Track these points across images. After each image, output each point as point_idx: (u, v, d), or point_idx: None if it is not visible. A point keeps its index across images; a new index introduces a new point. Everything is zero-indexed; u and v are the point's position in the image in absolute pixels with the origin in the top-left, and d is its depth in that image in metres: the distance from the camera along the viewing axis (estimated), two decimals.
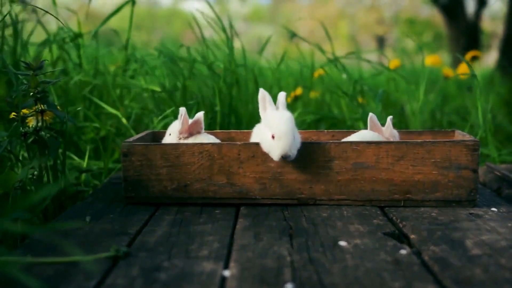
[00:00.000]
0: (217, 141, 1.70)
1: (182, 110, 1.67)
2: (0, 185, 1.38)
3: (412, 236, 1.26)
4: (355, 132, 1.76)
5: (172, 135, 1.71)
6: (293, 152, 1.47)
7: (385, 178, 1.51)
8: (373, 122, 1.75)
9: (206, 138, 1.70)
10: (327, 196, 1.54)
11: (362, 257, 1.11)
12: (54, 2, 2.45)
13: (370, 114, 1.75)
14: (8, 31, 2.23)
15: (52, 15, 1.89)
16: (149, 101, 2.62)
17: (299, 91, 3.02)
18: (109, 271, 1.05)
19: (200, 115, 1.71)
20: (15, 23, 2.21)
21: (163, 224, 1.37)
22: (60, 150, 1.64)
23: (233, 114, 2.48)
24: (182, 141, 1.67)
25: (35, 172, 1.54)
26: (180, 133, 1.68)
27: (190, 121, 1.69)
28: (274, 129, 1.47)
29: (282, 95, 1.60)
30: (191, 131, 1.70)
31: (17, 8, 2.40)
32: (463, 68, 3.32)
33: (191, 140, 1.68)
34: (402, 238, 1.26)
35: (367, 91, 2.73)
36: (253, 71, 2.62)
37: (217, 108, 2.37)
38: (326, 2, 20.79)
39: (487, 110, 2.24)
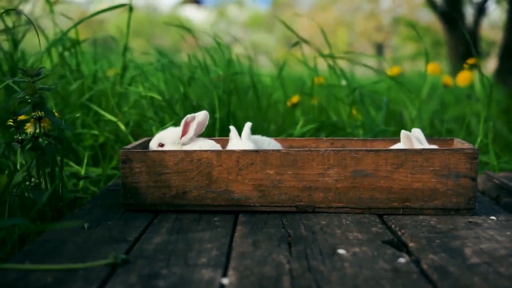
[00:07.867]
0: (217, 145, 1.70)
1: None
2: None
3: (411, 244, 1.26)
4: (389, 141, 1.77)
5: (168, 145, 1.67)
6: None
7: (384, 186, 1.51)
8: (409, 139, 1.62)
9: (205, 143, 1.69)
10: (326, 203, 1.53)
11: (360, 265, 1.11)
12: (51, 10, 2.45)
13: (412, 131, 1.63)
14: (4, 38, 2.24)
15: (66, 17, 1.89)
16: (148, 108, 2.62)
17: (296, 98, 3.02)
18: (108, 278, 1.05)
19: (204, 114, 1.70)
20: (14, 32, 2.21)
21: (162, 232, 1.37)
22: (58, 157, 1.63)
23: (232, 121, 2.48)
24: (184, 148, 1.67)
25: (33, 179, 1.53)
26: (183, 142, 1.68)
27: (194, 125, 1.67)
28: None
29: (247, 127, 1.69)
30: (196, 133, 1.70)
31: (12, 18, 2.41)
32: (462, 76, 3.33)
33: (190, 145, 1.68)
34: (401, 246, 1.26)
35: (367, 98, 2.73)
36: (252, 78, 2.63)
37: (217, 115, 2.38)
38: (325, 9, 20.85)
39: (488, 118, 2.25)
